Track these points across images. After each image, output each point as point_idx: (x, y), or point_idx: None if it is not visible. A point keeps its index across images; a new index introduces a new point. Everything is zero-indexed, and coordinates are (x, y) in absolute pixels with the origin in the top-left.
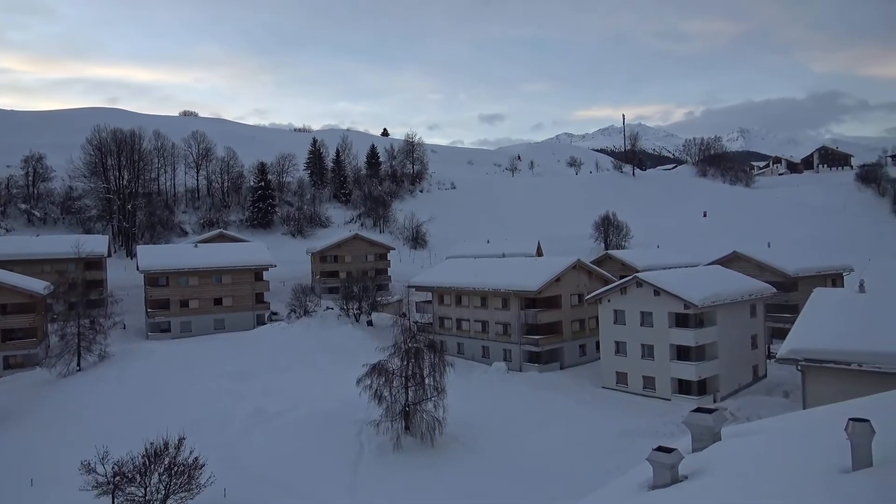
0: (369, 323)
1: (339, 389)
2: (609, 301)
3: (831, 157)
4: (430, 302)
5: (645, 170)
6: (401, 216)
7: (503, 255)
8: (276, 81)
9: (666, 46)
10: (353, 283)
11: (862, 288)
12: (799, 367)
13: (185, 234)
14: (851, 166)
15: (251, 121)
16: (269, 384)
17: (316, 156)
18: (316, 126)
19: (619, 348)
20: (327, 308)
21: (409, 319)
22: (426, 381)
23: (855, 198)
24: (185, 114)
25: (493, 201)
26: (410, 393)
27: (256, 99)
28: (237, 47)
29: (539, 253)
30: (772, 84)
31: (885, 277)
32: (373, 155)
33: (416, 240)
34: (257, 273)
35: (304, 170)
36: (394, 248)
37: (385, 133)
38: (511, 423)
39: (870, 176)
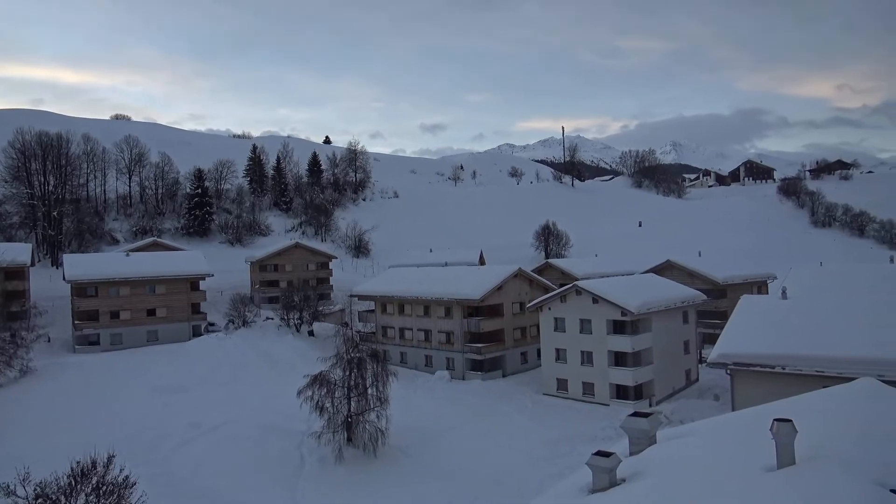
0: (310, 333)
1: (279, 401)
2: (550, 309)
3: (756, 171)
4: (372, 311)
5: (584, 181)
6: (343, 225)
7: (446, 264)
8: (214, 86)
9: (603, 62)
10: (294, 292)
11: (784, 295)
12: (728, 371)
13: (116, 242)
14: (774, 179)
15: (187, 126)
16: (205, 397)
17: (256, 163)
18: (256, 132)
19: (560, 355)
20: (267, 318)
21: (351, 329)
22: (369, 391)
23: (777, 209)
24: (117, 117)
25: (435, 210)
26: (353, 403)
27: (192, 104)
28: (173, 50)
29: (481, 262)
30: (701, 100)
31: (804, 284)
32: (314, 162)
33: (359, 249)
34: (193, 283)
35: (243, 177)
36: (336, 257)
37: (327, 141)
38: (454, 431)
39: (790, 189)
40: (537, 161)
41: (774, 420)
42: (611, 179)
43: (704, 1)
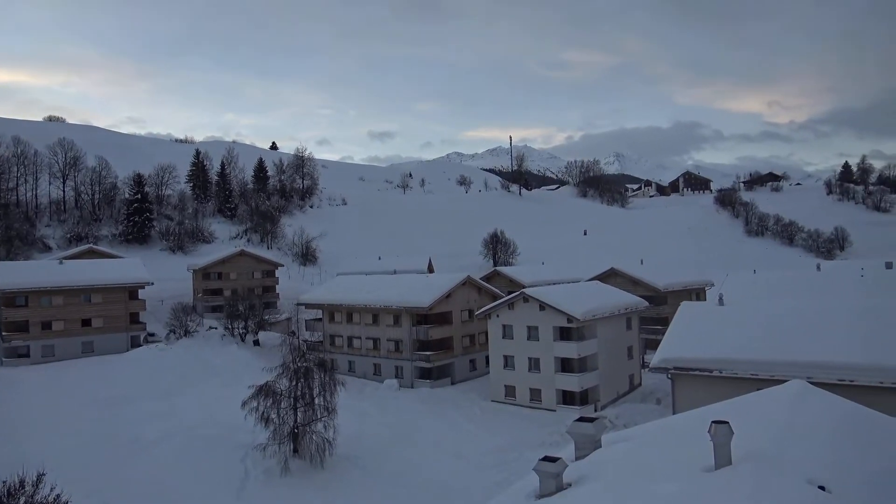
0: (256, 342)
1: (222, 413)
2: (498, 316)
3: (694, 182)
4: (320, 320)
5: (531, 190)
6: (290, 232)
7: (395, 272)
8: (155, 89)
9: (549, 73)
10: (239, 301)
11: (721, 301)
12: (669, 376)
13: (49, 249)
14: (711, 190)
15: (126, 129)
16: (145, 410)
17: (199, 168)
18: (199, 137)
19: (508, 362)
20: (210, 328)
21: (298, 338)
22: (316, 401)
23: (714, 219)
24: (51, 119)
25: (384, 218)
26: (299, 414)
27: (132, 106)
28: (112, 50)
29: (430, 269)
30: (642, 113)
31: (740, 291)
32: (260, 169)
33: (306, 256)
34: (132, 291)
35: (185, 182)
36: (282, 265)
37: (274, 147)
38: (403, 440)
39: (726, 199)
40: (485, 170)
41: (712, 422)
42: (557, 189)
43: (646, 19)
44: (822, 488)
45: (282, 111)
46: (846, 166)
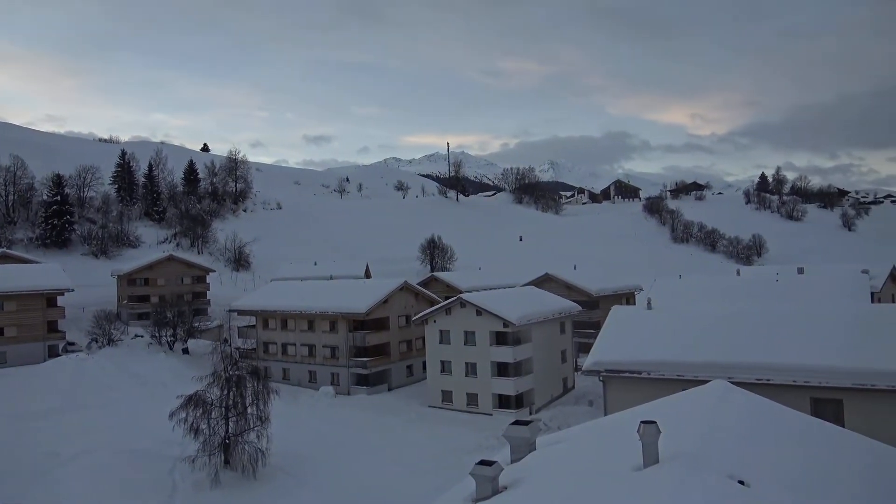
0: (185, 351)
1: (149, 425)
2: (435, 321)
3: (624, 190)
4: (253, 327)
5: (468, 196)
6: (222, 236)
7: (331, 278)
8: (78, 86)
9: (486, 81)
10: (167, 307)
11: (649, 305)
12: (601, 378)
13: None
14: (640, 198)
15: (44, 127)
16: (64, 424)
17: (125, 169)
18: (125, 137)
19: (445, 367)
20: (136, 336)
21: (230, 345)
22: (249, 410)
23: (643, 226)
24: None
25: (320, 223)
26: (231, 424)
27: (52, 103)
28: (30, 44)
29: (367, 275)
30: (575, 122)
31: (667, 295)
32: (191, 171)
33: (239, 262)
34: (50, 298)
35: (110, 184)
36: (214, 270)
37: (205, 148)
38: (339, 448)
39: (654, 207)
40: (423, 175)
41: (641, 422)
42: (493, 195)
43: (580, 30)
44: (741, 482)
45: (215, 112)
46: (763, 177)
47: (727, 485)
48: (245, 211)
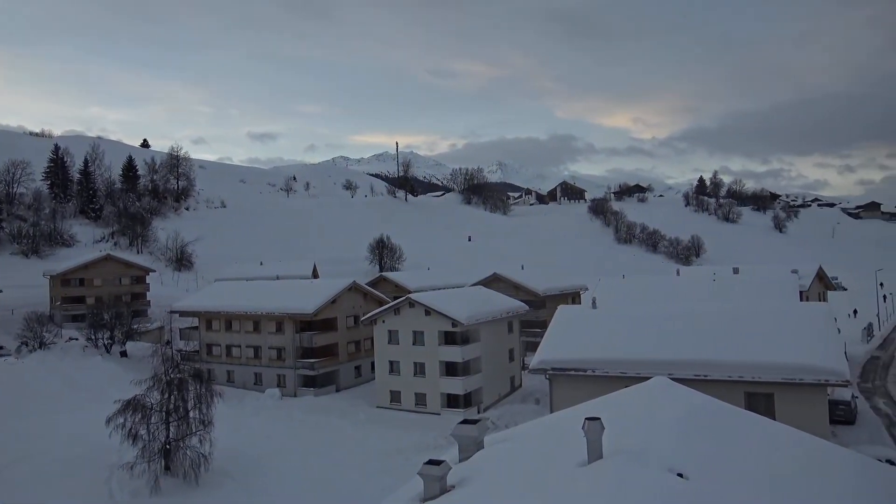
0: (123, 354)
1: (85, 432)
2: (384, 322)
3: (571, 192)
4: (196, 328)
5: (417, 196)
6: (163, 235)
7: (277, 278)
8: (5, 76)
9: (436, 82)
10: (104, 309)
11: (594, 305)
12: (547, 376)
13: None
14: (585, 200)
15: None
16: None
17: (58, 165)
18: (58, 131)
19: (393, 367)
20: (71, 339)
21: (171, 348)
22: (191, 414)
23: (588, 227)
24: None
25: (266, 222)
26: (172, 429)
27: None
28: None
29: (315, 275)
30: (522, 124)
31: (611, 295)
32: (130, 167)
33: (181, 261)
34: None
35: (42, 180)
36: (154, 271)
37: (145, 144)
38: (286, 450)
39: (599, 209)
40: (372, 175)
41: (585, 419)
42: (442, 195)
43: (528, 34)
44: (680, 475)
45: (155, 107)
46: (701, 181)
47: (667, 477)
48: (187, 209)
